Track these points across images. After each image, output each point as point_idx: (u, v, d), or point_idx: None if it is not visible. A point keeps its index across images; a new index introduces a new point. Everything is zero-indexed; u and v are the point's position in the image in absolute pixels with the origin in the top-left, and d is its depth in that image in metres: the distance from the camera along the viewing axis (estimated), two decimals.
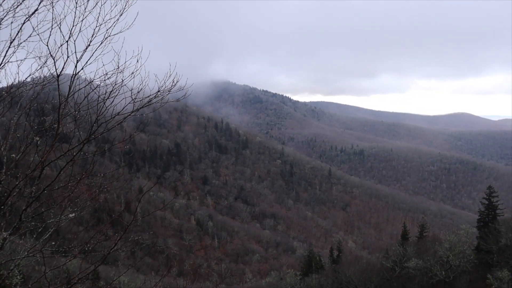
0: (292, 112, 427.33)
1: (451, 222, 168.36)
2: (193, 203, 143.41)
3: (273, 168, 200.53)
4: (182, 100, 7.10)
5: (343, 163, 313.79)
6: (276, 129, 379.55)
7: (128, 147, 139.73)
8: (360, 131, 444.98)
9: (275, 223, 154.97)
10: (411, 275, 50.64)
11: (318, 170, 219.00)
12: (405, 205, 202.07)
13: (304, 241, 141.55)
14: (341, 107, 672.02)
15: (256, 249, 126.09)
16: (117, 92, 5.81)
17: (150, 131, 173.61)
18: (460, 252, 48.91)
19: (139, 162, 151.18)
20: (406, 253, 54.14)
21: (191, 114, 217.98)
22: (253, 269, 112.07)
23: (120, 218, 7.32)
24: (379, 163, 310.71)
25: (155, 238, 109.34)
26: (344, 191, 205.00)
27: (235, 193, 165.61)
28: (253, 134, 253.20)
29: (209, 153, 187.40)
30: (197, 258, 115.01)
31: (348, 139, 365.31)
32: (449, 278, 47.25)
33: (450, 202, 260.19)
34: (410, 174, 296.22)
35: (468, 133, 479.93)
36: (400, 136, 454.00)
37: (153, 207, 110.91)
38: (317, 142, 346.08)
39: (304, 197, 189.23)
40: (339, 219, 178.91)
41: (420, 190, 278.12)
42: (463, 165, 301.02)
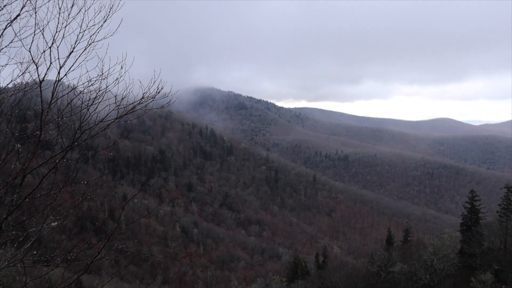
0: (276, 118, 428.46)
1: (435, 226, 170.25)
2: (178, 210, 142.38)
3: (258, 174, 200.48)
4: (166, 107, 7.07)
5: (328, 168, 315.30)
6: (261, 135, 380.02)
7: (112, 154, 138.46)
8: (344, 137, 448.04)
9: (261, 229, 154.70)
10: (396, 280, 50.95)
11: (303, 176, 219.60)
12: (389, 210, 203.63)
13: (290, 247, 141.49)
14: (326, 113, 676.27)
15: (241, 256, 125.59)
16: (101, 99, 5.76)
17: (135, 138, 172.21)
18: (444, 256, 49.41)
19: (123, 169, 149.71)
20: (391, 257, 54.47)
21: (175, 121, 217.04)
22: (239, 276, 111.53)
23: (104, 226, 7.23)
24: (363, 169, 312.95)
25: (139, 246, 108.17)
26: (329, 197, 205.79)
27: (220, 199, 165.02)
28: (238, 140, 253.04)
29: (193, 159, 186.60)
30: (182, 265, 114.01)
31: (332, 144, 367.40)
32: (434, 282, 47.67)
33: (433, 206, 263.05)
34: (394, 179, 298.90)
35: (450, 138, 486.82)
36: (384, 141, 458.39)
37: (138, 214, 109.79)
38: (302, 148, 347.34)
39: (289, 203, 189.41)
40: (324, 224, 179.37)
41: (404, 195, 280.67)
42: (446, 170, 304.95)
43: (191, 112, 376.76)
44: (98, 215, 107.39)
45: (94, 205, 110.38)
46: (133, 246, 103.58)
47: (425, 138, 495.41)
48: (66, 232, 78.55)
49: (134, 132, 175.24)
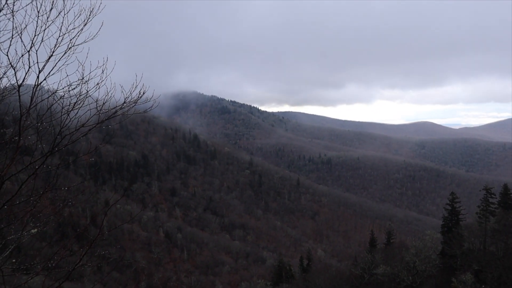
0: (260, 122, 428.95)
1: (416, 228, 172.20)
2: (162, 215, 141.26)
3: (241, 179, 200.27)
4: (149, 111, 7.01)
5: (311, 172, 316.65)
6: (244, 139, 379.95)
7: (93, 159, 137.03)
8: (327, 141, 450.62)
9: (245, 233, 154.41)
10: (379, 282, 51.34)
11: (287, 179, 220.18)
12: (372, 213, 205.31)
13: (274, 251, 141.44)
14: (309, 116, 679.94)
15: (226, 260, 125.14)
16: (82, 104, 5.68)
17: (117, 143, 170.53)
18: (426, 257, 50.02)
19: (105, 174, 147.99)
20: (374, 260, 54.91)
21: (158, 125, 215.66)
22: (223, 280, 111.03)
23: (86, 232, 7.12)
24: (346, 172, 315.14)
25: (122, 252, 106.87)
26: (313, 200, 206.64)
27: (204, 204, 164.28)
28: (221, 144, 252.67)
29: (177, 164, 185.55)
30: (166, 271, 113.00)
31: (315, 148, 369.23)
32: (416, 283, 48.18)
33: (415, 208, 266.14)
34: (376, 182, 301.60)
35: (431, 141, 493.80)
36: (366, 145, 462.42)
37: (120, 220, 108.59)
38: (285, 152, 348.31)
39: (273, 206, 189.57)
40: (308, 228, 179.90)
41: (387, 197, 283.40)
42: (427, 173, 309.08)
43: (175, 117, 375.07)
44: (80, 222, 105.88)
45: (75, 211, 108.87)
46: (116, 252, 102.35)
47: (406, 141, 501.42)
48: (46, 239, 77.25)
49: (116, 137, 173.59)
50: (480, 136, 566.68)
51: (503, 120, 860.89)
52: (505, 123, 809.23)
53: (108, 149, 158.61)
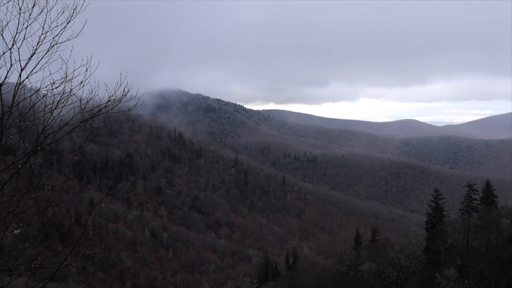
0: (245, 120, 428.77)
1: (401, 225, 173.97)
2: (147, 214, 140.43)
3: (227, 177, 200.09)
4: (133, 110, 6.96)
5: (297, 170, 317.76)
6: (230, 138, 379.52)
7: (77, 159, 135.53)
8: (312, 138, 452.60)
9: (231, 231, 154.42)
10: (365, 278, 51.77)
11: (272, 177, 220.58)
12: (357, 210, 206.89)
13: (260, 249, 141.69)
14: (294, 115, 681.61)
15: (212, 259, 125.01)
16: (65, 102, 5.61)
17: (101, 142, 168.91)
18: (410, 254, 50.60)
19: (89, 173, 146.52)
20: (360, 256, 55.36)
21: (143, 124, 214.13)
22: (210, 279, 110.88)
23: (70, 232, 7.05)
24: (331, 170, 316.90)
25: (107, 252, 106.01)
26: (298, 198, 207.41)
27: (190, 202, 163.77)
28: (206, 143, 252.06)
29: (162, 163, 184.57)
30: (152, 270, 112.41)
31: (301, 146, 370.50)
32: (401, 279, 48.70)
33: (400, 205, 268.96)
34: (361, 179, 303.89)
35: (415, 139, 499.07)
36: (351, 142, 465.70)
37: (105, 219, 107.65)
38: (271, 150, 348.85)
39: (259, 205, 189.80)
40: (294, 225, 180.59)
41: (372, 195, 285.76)
42: (411, 170, 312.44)
43: (160, 115, 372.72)
44: (64, 222, 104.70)
45: (59, 211, 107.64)
46: (100, 252, 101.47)
47: (391, 139, 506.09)
48: (30, 240, 76.16)
49: (100, 135, 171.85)
50: (463, 134, 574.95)
51: (486, 118, 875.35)
52: (487, 121, 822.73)
53: (92, 148, 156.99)
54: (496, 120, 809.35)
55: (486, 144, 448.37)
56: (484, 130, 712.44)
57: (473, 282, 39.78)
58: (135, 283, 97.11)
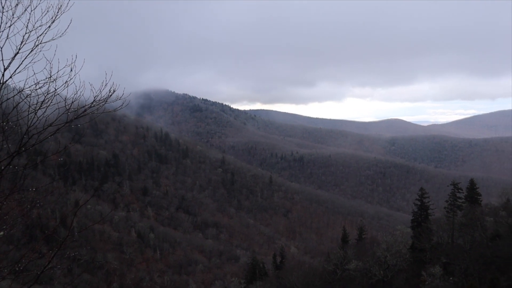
0: (232, 120, 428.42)
1: (387, 224, 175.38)
2: (133, 215, 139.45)
3: (214, 177, 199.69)
4: (120, 110, 6.90)
5: (284, 170, 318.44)
6: (217, 138, 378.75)
7: (62, 159, 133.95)
8: (299, 138, 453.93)
9: (218, 232, 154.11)
10: (352, 277, 52.11)
11: (259, 177, 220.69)
12: (344, 209, 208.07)
13: (247, 249, 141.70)
14: (280, 114, 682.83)
15: (199, 259, 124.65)
16: (50, 102, 5.54)
17: (87, 142, 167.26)
18: (396, 252, 51.09)
19: (75, 174, 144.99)
20: (347, 255, 55.70)
21: (129, 124, 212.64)
22: (197, 279, 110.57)
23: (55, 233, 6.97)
24: (318, 169, 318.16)
25: (93, 253, 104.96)
26: (285, 198, 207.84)
27: (177, 203, 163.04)
28: (193, 143, 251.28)
29: (148, 163, 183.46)
30: (139, 271, 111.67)
31: (288, 146, 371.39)
32: (387, 277, 49.13)
33: (386, 204, 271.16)
34: (348, 179, 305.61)
35: (400, 138, 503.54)
36: (337, 142, 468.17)
37: (91, 220, 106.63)
38: (258, 150, 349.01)
39: (246, 205, 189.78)
40: (281, 225, 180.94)
41: (358, 194, 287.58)
42: (397, 169, 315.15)
43: (146, 115, 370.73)
44: (49, 223, 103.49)
45: (44, 212, 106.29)
46: (86, 254, 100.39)
47: (377, 138, 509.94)
48: (13, 242, 75.02)
49: (86, 136, 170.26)
50: (448, 133, 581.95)
51: (469, 117, 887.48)
52: (471, 120, 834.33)
53: (77, 149, 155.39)
54: (479, 119, 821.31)
55: (470, 143, 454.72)
56: (468, 130, 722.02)
57: (458, 279, 40.29)
58: (121, 284, 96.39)
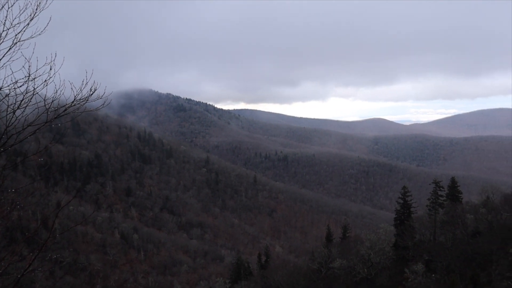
0: (216, 120, 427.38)
1: (371, 222, 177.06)
2: (117, 215, 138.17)
3: (198, 177, 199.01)
4: (102, 109, 6.81)
5: (268, 169, 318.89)
6: (201, 138, 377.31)
7: (43, 160, 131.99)
8: (283, 138, 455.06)
9: (202, 232, 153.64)
10: (336, 275, 52.46)
11: (244, 177, 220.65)
12: (328, 208, 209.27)
13: (232, 249, 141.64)
14: (265, 114, 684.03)
15: (184, 260, 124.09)
16: (29, 101, 5.44)
17: (68, 142, 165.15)
18: (380, 250, 51.60)
19: (56, 175, 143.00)
20: (331, 254, 56.07)
21: (112, 124, 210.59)
22: (182, 280, 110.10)
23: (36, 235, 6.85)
24: (302, 168, 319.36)
25: (76, 255, 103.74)
26: (270, 197, 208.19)
27: (161, 203, 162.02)
28: (177, 143, 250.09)
29: (132, 163, 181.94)
30: (123, 273, 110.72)
31: (272, 145, 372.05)
32: (371, 275, 49.58)
33: (369, 203, 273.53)
34: (332, 178, 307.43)
35: (383, 138, 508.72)
36: (321, 141, 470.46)
37: (73, 222, 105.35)
38: (242, 149, 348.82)
39: (231, 204, 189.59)
40: (266, 224, 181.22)
41: (342, 192, 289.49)
42: (380, 168, 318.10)
43: (129, 115, 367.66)
44: (30, 225, 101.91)
45: (24, 214, 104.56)
46: (69, 256, 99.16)
47: (360, 137, 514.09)
48: None
49: (67, 136, 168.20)
50: (429, 132, 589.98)
51: (450, 117, 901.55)
52: (452, 119, 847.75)
53: (59, 149, 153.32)
54: (460, 118, 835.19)
55: (451, 142, 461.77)
56: (449, 129, 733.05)
57: (440, 276, 40.85)
58: (105, 286, 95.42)
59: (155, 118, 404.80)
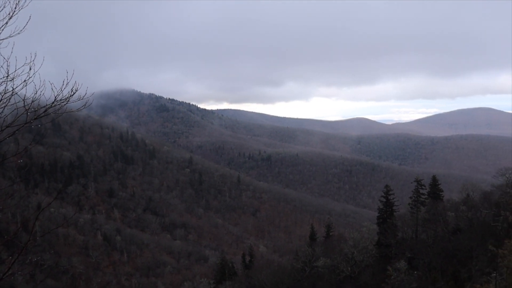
0: (199, 120, 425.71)
1: (354, 221, 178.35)
2: (99, 217, 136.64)
3: (182, 177, 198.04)
4: (84, 110, 6.72)
5: (252, 169, 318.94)
6: (184, 138, 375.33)
7: (23, 161, 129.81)
8: (267, 137, 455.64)
9: (186, 232, 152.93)
10: (320, 274, 52.76)
11: (227, 177, 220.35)
12: (312, 207, 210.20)
13: (216, 249, 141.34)
14: (248, 114, 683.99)
15: (167, 261, 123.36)
16: (7, 102, 5.33)
17: (49, 143, 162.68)
18: (363, 248, 52.07)
19: (37, 177, 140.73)
20: (315, 253, 56.36)
21: (94, 125, 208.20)
22: (166, 281, 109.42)
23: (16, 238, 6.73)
24: (286, 168, 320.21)
25: (57, 258, 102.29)
26: (253, 197, 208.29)
27: (144, 204, 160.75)
28: (160, 143, 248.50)
29: (114, 164, 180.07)
30: (106, 275, 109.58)
31: (255, 145, 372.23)
32: (355, 273, 49.99)
33: (352, 202, 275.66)
34: (315, 177, 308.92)
35: (366, 137, 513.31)
36: (304, 141, 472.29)
37: (55, 224, 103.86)
38: (225, 149, 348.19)
39: (214, 204, 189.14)
40: (250, 224, 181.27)
41: (325, 192, 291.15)
42: (362, 167, 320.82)
43: (111, 115, 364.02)
44: (10, 228, 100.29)
45: (4, 217, 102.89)
46: (50, 258, 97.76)
47: (343, 137, 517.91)
48: None
49: (48, 137, 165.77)
50: (411, 131, 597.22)
51: (431, 116, 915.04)
52: (433, 119, 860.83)
53: (39, 150, 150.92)
54: (440, 118, 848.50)
55: (432, 141, 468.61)
56: (430, 128, 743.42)
57: (422, 273, 41.40)
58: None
59: (138, 119, 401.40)
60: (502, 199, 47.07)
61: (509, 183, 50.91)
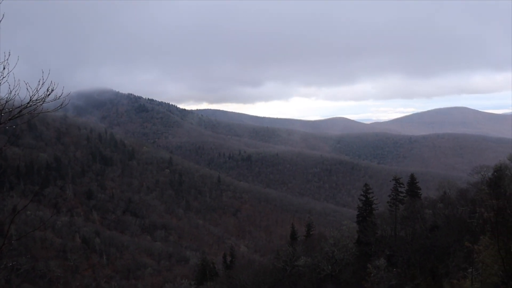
0: (179, 120, 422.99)
1: (334, 220, 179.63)
2: (77, 219, 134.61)
3: (161, 178, 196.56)
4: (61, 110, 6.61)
5: (232, 169, 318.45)
6: (163, 138, 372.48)
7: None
8: (247, 137, 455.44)
9: (167, 234, 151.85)
10: (301, 273, 53.02)
11: (207, 177, 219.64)
12: (292, 207, 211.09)
13: (197, 250, 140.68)
14: (228, 114, 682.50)
15: (148, 263, 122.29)
16: None
17: (25, 145, 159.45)
18: (343, 246, 52.55)
19: (12, 179, 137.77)
20: (296, 252, 56.62)
21: (71, 125, 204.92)
22: (146, 283, 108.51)
23: None
24: (266, 168, 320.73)
25: (34, 262, 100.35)
26: (234, 197, 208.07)
27: (123, 206, 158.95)
28: (139, 144, 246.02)
29: (93, 165, 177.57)
30: (85, 278, 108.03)
31: (235, 145, 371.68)
32: (335, 271, 50.41)
33: (332, 200, 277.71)
34: (295, 176, 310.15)
35: (345, 136, 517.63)
36: (285, 141, 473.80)
37: (31, 227, 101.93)
38: (205, 150, 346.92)
39: (195, 205, 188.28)
40: (231, 225, 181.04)
41: (305, 191, 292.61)
42: (342, 166, 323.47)
43: (89, 116, 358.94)
44: None
45: None
46: (26, 263, 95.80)
47: (322, 136, 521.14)
48: None
49: (24, 138, 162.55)
50: (389, 130, 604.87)
51: (409, 115, 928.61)
52: (410, 118, 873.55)
53: (15, 152, 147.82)
54: (418, 117, 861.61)
55: (410, 140, 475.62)
56: (408, 127, 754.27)
57: (401, 270, 42.01)
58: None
59: (116, 119, 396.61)
60: (478, 196, 48.05)
61: (484, 181, 52.05)
